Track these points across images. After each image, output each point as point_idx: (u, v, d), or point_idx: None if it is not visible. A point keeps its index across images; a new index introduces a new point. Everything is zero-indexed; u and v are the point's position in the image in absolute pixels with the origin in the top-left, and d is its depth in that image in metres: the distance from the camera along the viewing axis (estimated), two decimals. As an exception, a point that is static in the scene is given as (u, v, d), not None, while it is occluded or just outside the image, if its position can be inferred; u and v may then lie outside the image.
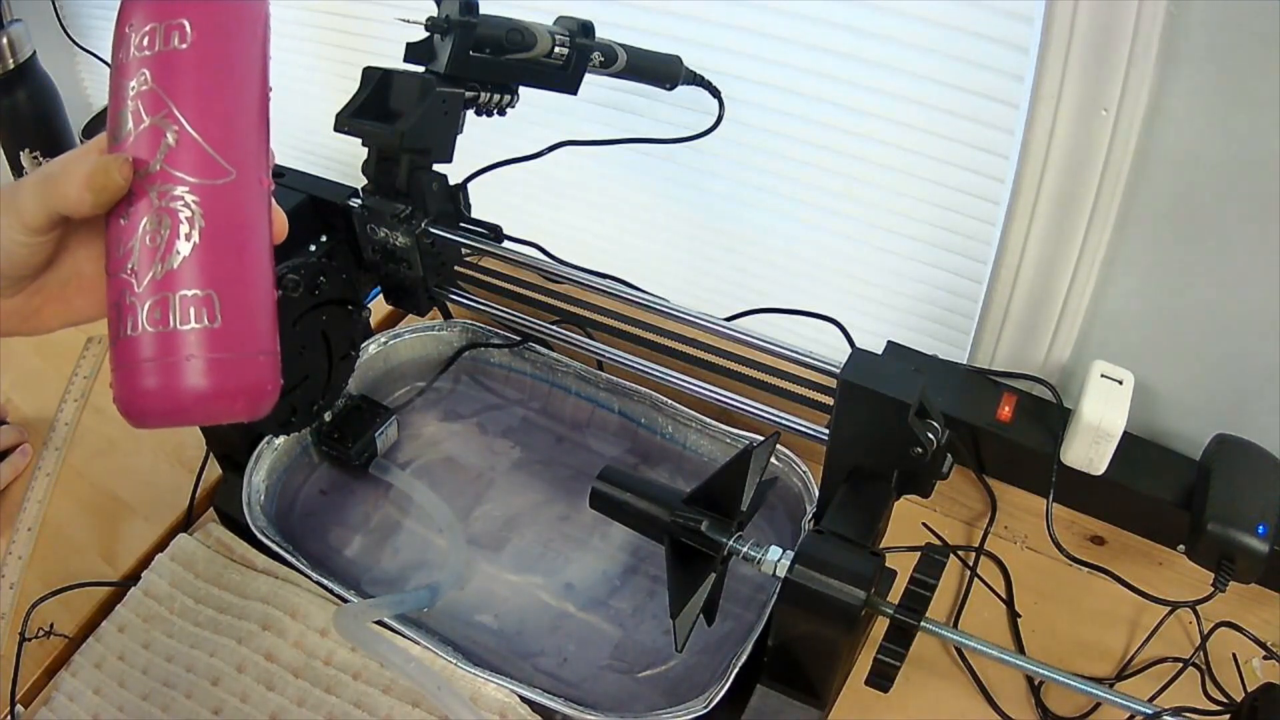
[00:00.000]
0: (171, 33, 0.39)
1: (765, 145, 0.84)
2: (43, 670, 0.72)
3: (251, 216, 0.41)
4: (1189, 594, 0.68)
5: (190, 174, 0.39)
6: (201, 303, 0.38)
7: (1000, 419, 0.75)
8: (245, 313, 0.40)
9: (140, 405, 0.39)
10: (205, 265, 0.39)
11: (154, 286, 0.38)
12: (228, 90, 0.41)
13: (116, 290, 0.39)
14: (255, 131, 0.42)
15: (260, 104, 0.42)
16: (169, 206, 0.39)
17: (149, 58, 0.39)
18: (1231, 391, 0.73)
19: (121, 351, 0.39)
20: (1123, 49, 0.60)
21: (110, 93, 0.41)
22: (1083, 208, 0.68)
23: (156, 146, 0.39)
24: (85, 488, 0.84)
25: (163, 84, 0.39)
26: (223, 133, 0.40)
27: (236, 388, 0.40)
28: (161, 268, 0.38)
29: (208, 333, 0.38)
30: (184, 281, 0.38)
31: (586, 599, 0.75)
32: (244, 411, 0.40)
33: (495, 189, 0.80)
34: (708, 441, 0.81)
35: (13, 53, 0.91)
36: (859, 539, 0.58)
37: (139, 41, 0.40)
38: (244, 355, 0.40)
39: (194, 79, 0.40)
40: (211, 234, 0.39)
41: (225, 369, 0.39)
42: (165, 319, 0.38)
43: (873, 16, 0.72)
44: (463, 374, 0.91)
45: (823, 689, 0.62)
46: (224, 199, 0.40)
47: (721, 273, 0.97)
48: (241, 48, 0.41)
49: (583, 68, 0.72)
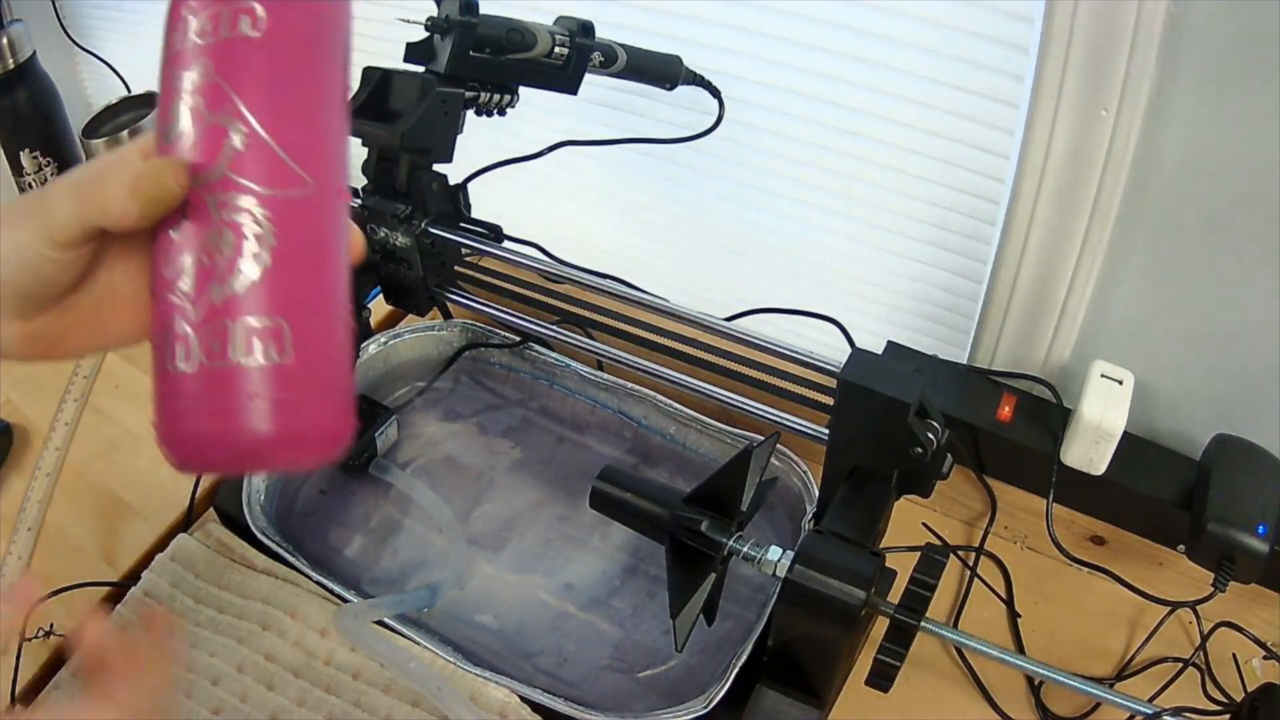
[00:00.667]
0: (240, 17, 0.34)
1: (765, 145, 0.84)
2: (43, 670, 0.72)
3: (329, 233, 0.35)
4: (1189, 594, 0.68)
5: (260, 183, 0.33)
6: (270, 334, 0.32)
7: (1000, 419, 0.76)
8: (320, 346, 0.34)
9: (191, 449, 0.33)
10: (275, 290, 0.33)
11: (212, 312, 0.32)
12: (305, 86, 0.35)
13: (165, 314, 0.33)
14: (335, 134, 0.36)
15: (341, 103, 0.37)
16: (232, 220, 0.33)
17: (211, 45, 0.34)
18: (1231, 391, 0.73)
19: (170, 386, 0.33)
20: (1123, 49, 0.60)
21: (161, 84, 0.35)
22: (1083, 208, 0.68)
23: (219, 149, 0.33)
24: (85, 488, 0.84)
25: (228, 76, 0.33)
26: (299, 135, 0.34)
27: (306, 433, 0.34)
28: (222, 291, 0.32)
29: (276, 369, 0.32)
30: (249, 308, 0.32)
31: (586, 599, 0.75)
32: (311, 459, 0.34)
33: (495, 189, 0.80)
34: (708, 441, 0.81)
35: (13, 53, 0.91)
36: (859, 539, 0.58)
37: (200, 26, 0.34)
38: (317, 396, 0.34)
39: (266, 72, 0.34)
40: (283, 253, 0.33)
41: (295, 411, 0.33)
42: (224, 351, 0.32)
43: (873, 16, 0.72)
44: (463, 374, 0.91)
45: (823, 689, 0.62)
46: (299, 213, 0.34)
47: (721, 273, 0.97)
48: (322, 37, 0.36)
49: (583, 68, 0.72)
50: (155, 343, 0.34)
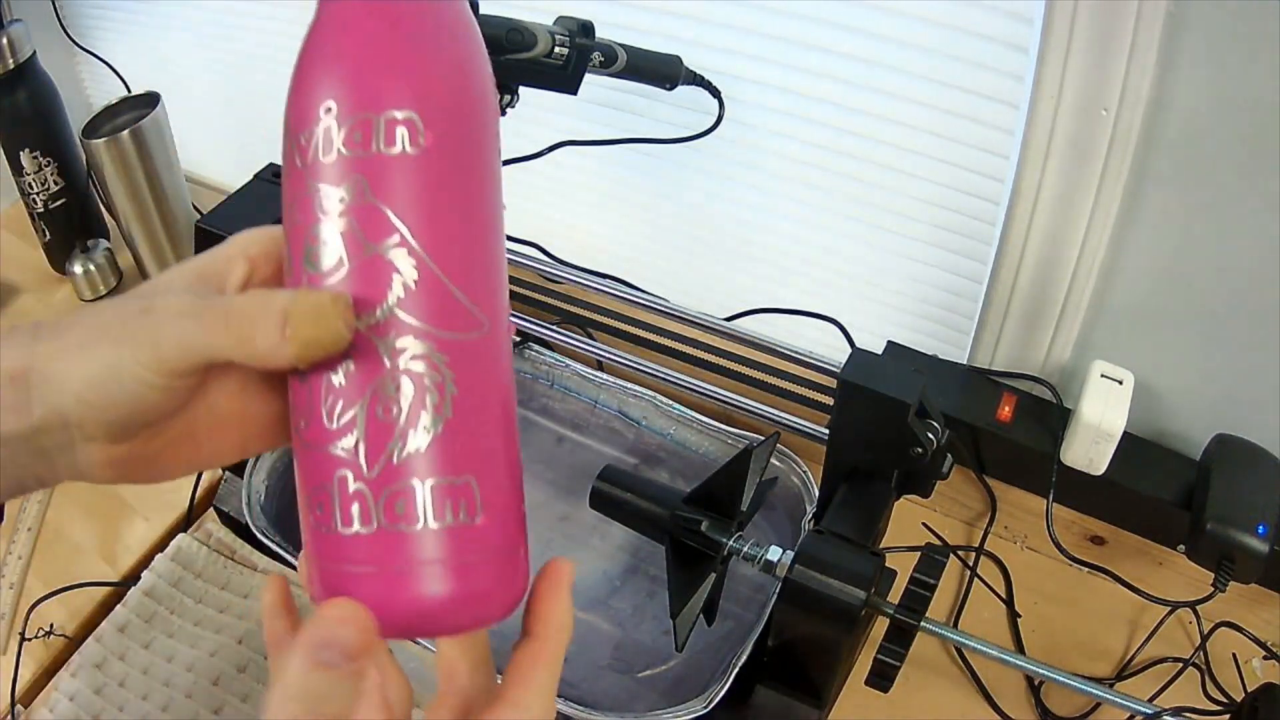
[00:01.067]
0: (395, 130, 0.29)
1: (765, 145, 0.84)
2: (43, 670, 0.72)
3: (505, 378, 0.32)
4: (1189, 594, 0.68)
5: (435, 325, 0.29)
6: (459, 493, 0.29)
7: (1000, 419, 0.75)
8: (505, 500, 0.31)
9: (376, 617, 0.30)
10: (462, 447, 0.29)
11: (391, 474, 0.29)
12: (474, 213, 0.31)
13: (325, 469, 0.29)
14: (501, 264, 0.32)
15: (501, 224, 0.33)
16: (409, 369, 0.29)
17: (362, 159, 0.29)
18: (1231, 391, 0.73)
19: (337, 549, 0.29)
20: (1123, 49, 0.60)
21: (293, 195, 0.30)
22: (1083, 207, 0.68)
23: (386, 286, 0.29)
24: (85, 488, 0.84)
25: (389, 199, 0.29)
26: (472, 270, 0.30)
27: (489, 594, 0.31)
28: (403, 449, 0.29)
29: (466, 531, 0.29)
30: (434, 467, 0.29)
31: (586, 599, 0.75)
32: (492, 618, 0.32)
33: (495, 189, 0.80)
34: (708, 441, 0.81)
35: (13, 53, 0.91)
36: (859, 539, 0.58)
37: (345, 135, 0.29)
38: (504, 553, 0.31)
39: (429, 195, 0.30)
40: (466, 404, 0.30)
41: (481, 575, 0.30)
42: (410, 514, 0.29)
43: (873, 16, 0.72)
44: (463, 374, 0.91)
45: (823, 689, 0.62)
46: (476, 357, 0.30)
47: (721, 273, 0.97)
48: (483, 153, 0.32)
49: (583, 68, 0.72)
50: (312, 497, 0.30)
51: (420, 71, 0.30)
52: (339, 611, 0.28)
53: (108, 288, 1.00)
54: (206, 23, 1.10)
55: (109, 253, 1.00)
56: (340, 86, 0.30)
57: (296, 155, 0.30)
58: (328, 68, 0.30)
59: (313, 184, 0.30)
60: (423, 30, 0.31)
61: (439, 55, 0.31)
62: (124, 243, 1.01)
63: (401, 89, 0.30)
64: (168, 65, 1.16)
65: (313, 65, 0.31)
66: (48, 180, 0.96)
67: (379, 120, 0.29)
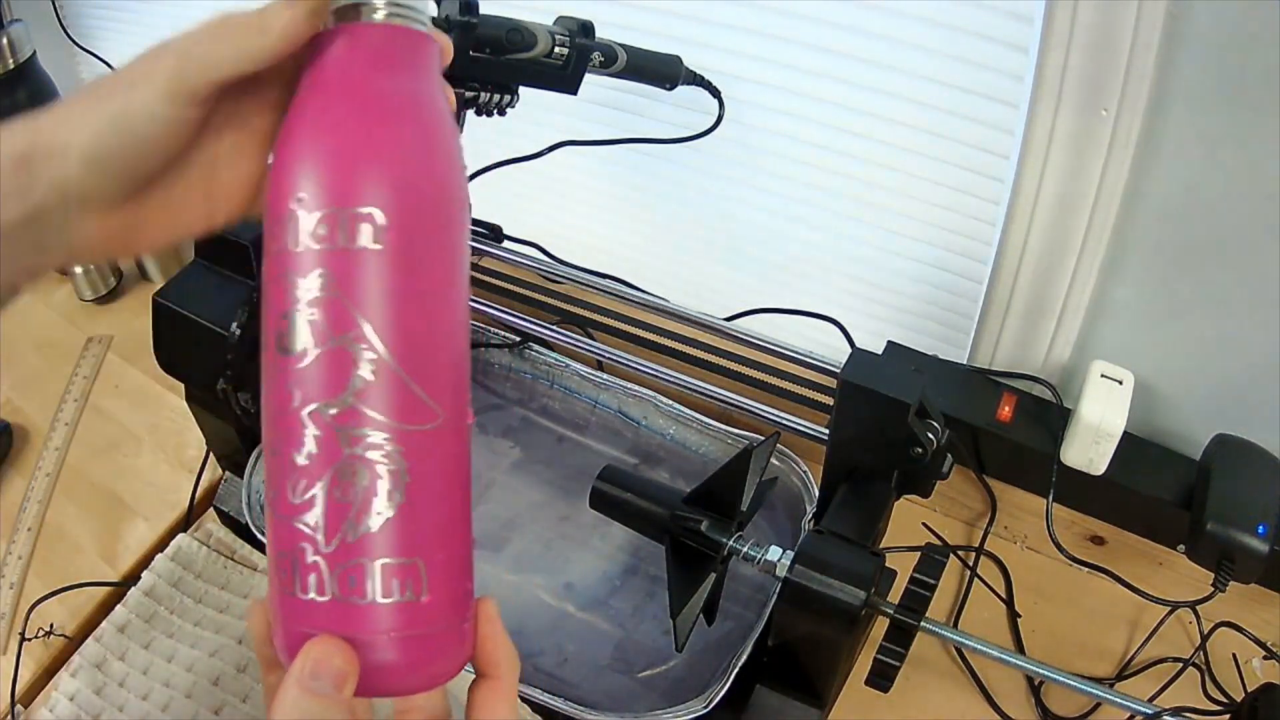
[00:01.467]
0: (359, 225, 0.31)
1: (765, 145, 0.84)
2: (43, 670, 0.72)
3: (459, 465, 0.33)
4: (1189, 594, 0.68)
5: (392, 417, 0.31)
6: (406, 573, 0.31)
7: (1000, 419, 0.75)
8: (452, 579, 0.33)
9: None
10: (412, 530, 0.31)
11: (346, 550, 0.31)
12: (434, 306, 0.32)
13: (289, 539, 0.31)
14: (462, 355, 0.33)
15: (465, 320, 0.34)
16: (364, 456, 0.31)
17: (327, 253, 0.31)
18: (1231, 391, 0.73)
19: (298, 611, 0.31)
20: (1123, 49, 0.60)
21: (268, 275, 0.32)
22: (1083, 208, 0.68)
23: (346, 376, 0.31)
24: (85, 488, 0.84)
25: (350, 294, 0.31)
26: (429, 363, 0.32)
27: (433, 663, 0.33)
28: (356, 530, 0.31)
29: (412, 608, 0.31)
30: (386, 548, 0.31)
31: (586, 599, 0.75)
32: (433, 684, 0.33)
33: (495, 189, 0.80)
34: (708, 441, 0.81)
35: (13, 53, 0.91)
36: (859, 539, 0.58)
37: (312, 227, 0.31)
38: (447, 628, 0.33)
39: (391, 291, 0.31)
40: (418, 491, 0.31)
41: (426, 646, 0.32)
42: (361, 589, 0.31)
43: (873, 16, 0.72)
44: (463, 374, 0.91)
45: (823, 689, 0.62)
46: (431, 447, 0.32)
47: (721, 273, 0.97)
48: (447, 249, 0.33)
49: (583, 68, 0.72)
50: (278, 563, 0.32)
51: (386, 169, 0.31)
52: (326, 646, 0.31)
53: (108, 288, 1.00)
54: (206, 23, 1.10)
55: (109, 253, 1.00)
56: (308, 180, 0.31)
57: (271, 239, 0.32)
58: (300, 158, 0.31)
59: (284, 270, 0.31)
60: (394, 128, 0.32)
61: (408, 154, 0.32)
62: (124, 243, 1.01)
63: (366, 186, 0.31)
64: (168, 65, 1.16)
65: (287, 153, 0.32)
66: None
67: (343, 215, 0.31)
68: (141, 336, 0.92)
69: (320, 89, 0.32)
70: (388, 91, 0.32)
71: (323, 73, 0.32)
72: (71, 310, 1.00)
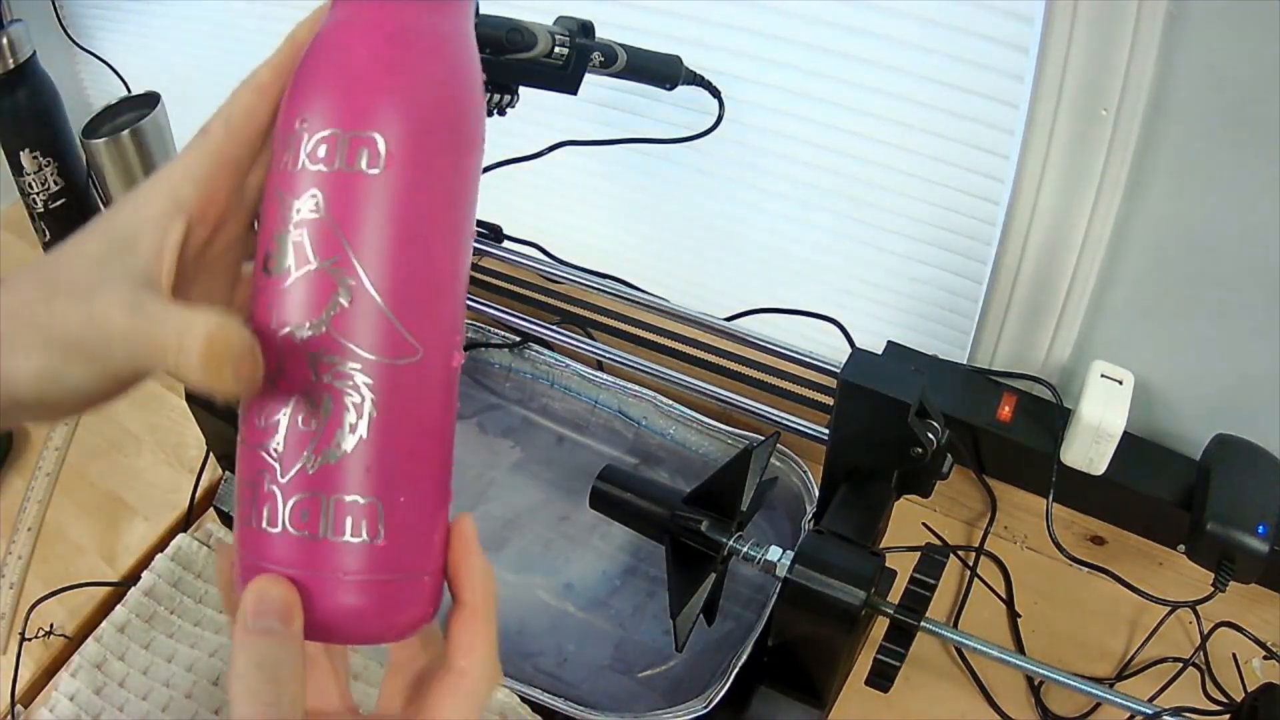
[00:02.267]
0: (359, 149, 0.30)
1: (765, 145, 0.84)
2: (43, 670, 0.72)
3: (434, 407, 0.32)
4: (1189, 594, 0.68)
5: (365, 347, 0.30)
6: (362, 512, 0.30)
7: (1000, 419, 0.75)
8: (413, 527, 0.32)
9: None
10: (372, 468, 0.30)
11: (303, 482, 0.30)
12: (426, 241, 0.31)
13: (252, 466, 0.31)
14: (452, 296, 0.32)
15: (464, 253, 0.33)
16: (332, 385, 0.30)
17: (325, 176, 0.30)
18: (1231, 391, 0.73)
19: (252, 542, 0.31)
20: (1123, 49, 0.60)
21: (266, 190, 0.32)
22: (1083, 208, 0.68)
23: (324, 301, 0.30)
24: (85, 488, 0.84)
25: (341, 220, 0.30)
26: (413, 297, 0.31)
27: (387, 613, 0.32)
28: (315, 460, 0.30)
29: (365, 549, 0.30)
30: (343, 483, 0.30)
31: (586, 599, 0.75)
32: (389, 636, 0.32)
33: (495, 189, 0.79)
34: (708, 441, 0.81)
35: (13, 53, 0.91)
36: (859, 539, 0.58)
37: (312, 147, 0.30)
38: (404, 577, 0.32)
39: (383, 220, 0.30)
40: (384, 428, 0.30)
41: (379, 592, 0.31)
42: (314, 524, 0.30)
43: (873, 16, 0.72)
44: (463, 374, 0.91)
45: (823, 689, 0.62)
46: (404, 383, 0.31)
47: (721, 273, 0.97)
48: (449, 182, 0.32)
49: (583, 68, 0.72)
50: (241, 492, 0.31)
51: (393, 96, 0.30)
52: (262, 580, 0.30)
53: (108, 288, 1.00)
54: (206, 22, 1.10)
55: (109, 253, 1.00)
56: (314, 101, 0.31)
57: (276, 158, 0.31)
58: (308, 81, 0.31)
59: (282, 191, 0.31)
60: (406, 55, 0.31)
61: (418, 83, 0.31)
62: (124, 243, 1.01)
63: (370, 110, 0.30)
64: (168, 65, 1.16)
65: (299, 77, 0.32)
66: (48, 180, 0.96)
67: (344, 137, 0.30)
68: (141, 336, 0.93)
69: (342, 14, 0.32)
70: (407, 20, 0.31)
71: (348, 2, 0.32)
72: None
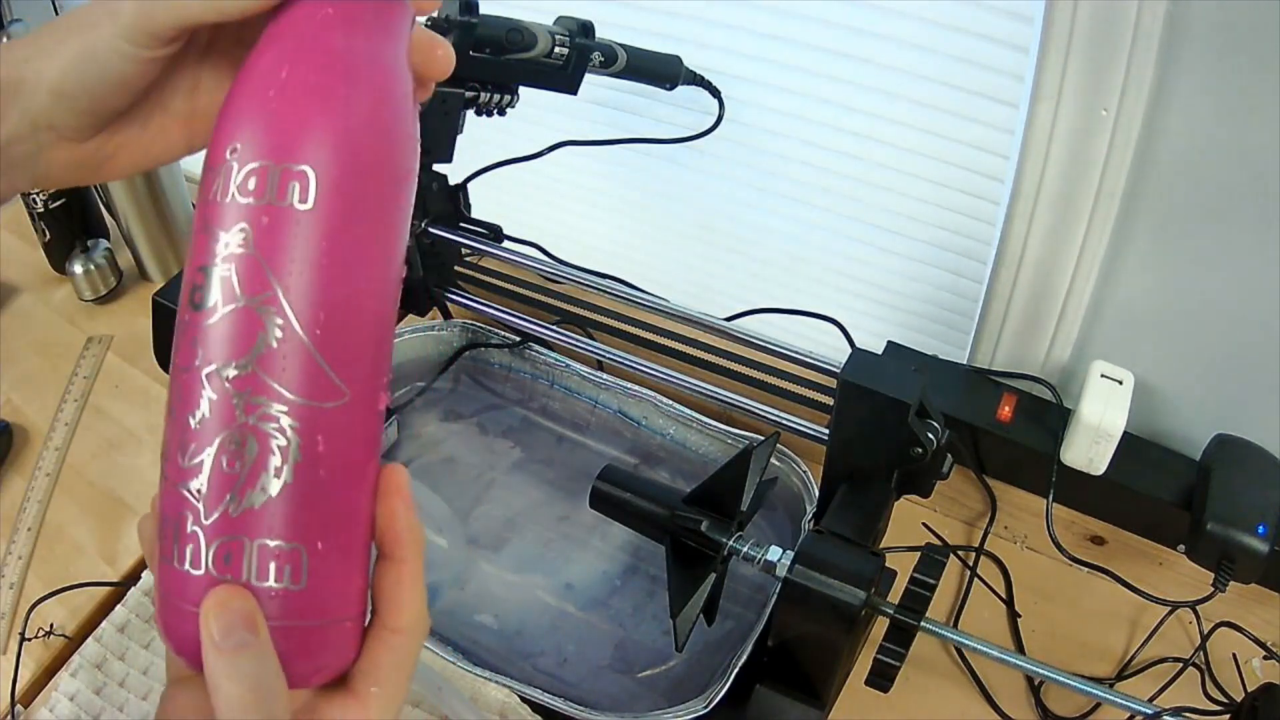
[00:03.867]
0: (289, 182, 0.29)
1: (765, 145, 0.84)
2: (43, 670, 0.72)
3: (359, 451, 0.31)
4: (1189, 594, 0.68)
5: (292, 390, 0.29)
6: (284, 558, 0.29)
7: (1000, 419, 0.75)
8: (336, 572, 0.31)
9: (189, 648, 0.30)
10: (295, 514, 0.30)
11: (224, 525, 0.29)
12: (356, 280, 0.30)
13: (175, 506, 0.30)
14: (380, 337, 0.31)
15: (392, 296, 0.32)
16: (257, 426, 0.29)
17: (253, 209, 0.29)
18: (1231, 391, 0.73)
19: (172, 581, 0.30)
20: (1123, 49, 0.60)
21: (195, 222, 0.30)
22: (1083, 208, 0.68)
23: (250, 341, 0.29)
24: (85, 488, 0.84)
25: (269, 256, 0.29)
26: (341, 339, 0.30)
27: (309, 659, 0.31)
28: (238, 505, 0.29)
29: (286, 595, 0.30)
30: (265, 528, 0.29)
31: (586, 599, 0.75)
32: (310, 681, 0.32)
33: (495, 189, 0.80)
34: (708, 441, 0.81)
35: (13, 53, 0.91)
36: (859, 539, 0.58)
37: (241, 178, 0.29)
38: (325, 623, 0.31)
39: (313, 257, 0.29)
40: (308, 473, 0.30)
41: (299, 638, 0.30)
42: (236, 567, 0.29)
43: (873, 16, 0.72)
44: (463, 374, 0.91)
45: (823, 689, 0.62)
46: (330, 427, 0.30)
47: (721, 273, 0.97)
48: (381, 220, 0.31)
49: (583, 68, 0.72)
50: (162, 529, 0.30)
51: (325, 127, 0.30)
52: (217, 596, 0.29)
53: (108, 288, 1.00)
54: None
55: (109, 253, 1.00)
56: (245, 129, 0.30)
57: (204, 189, 0.30)
58: (240, 107, 0.30)
59: (209, 222, 0.30)
60: (338, 86, 0.30)
61: (350, 115, 0.30)
62: (124, 243, 1.01)
63: (301, 142, 0.29)
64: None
65: (230, 102, 0.31)
66: (48, 180, 0.96)
67: (275, 170, 0.29)
68: (141, 336, 0.93)
69: (274, 40, 0.31)
70: (339, 49, 0.30)
71: (279, 25, 0.31)
72: (71, 310, 1.00)
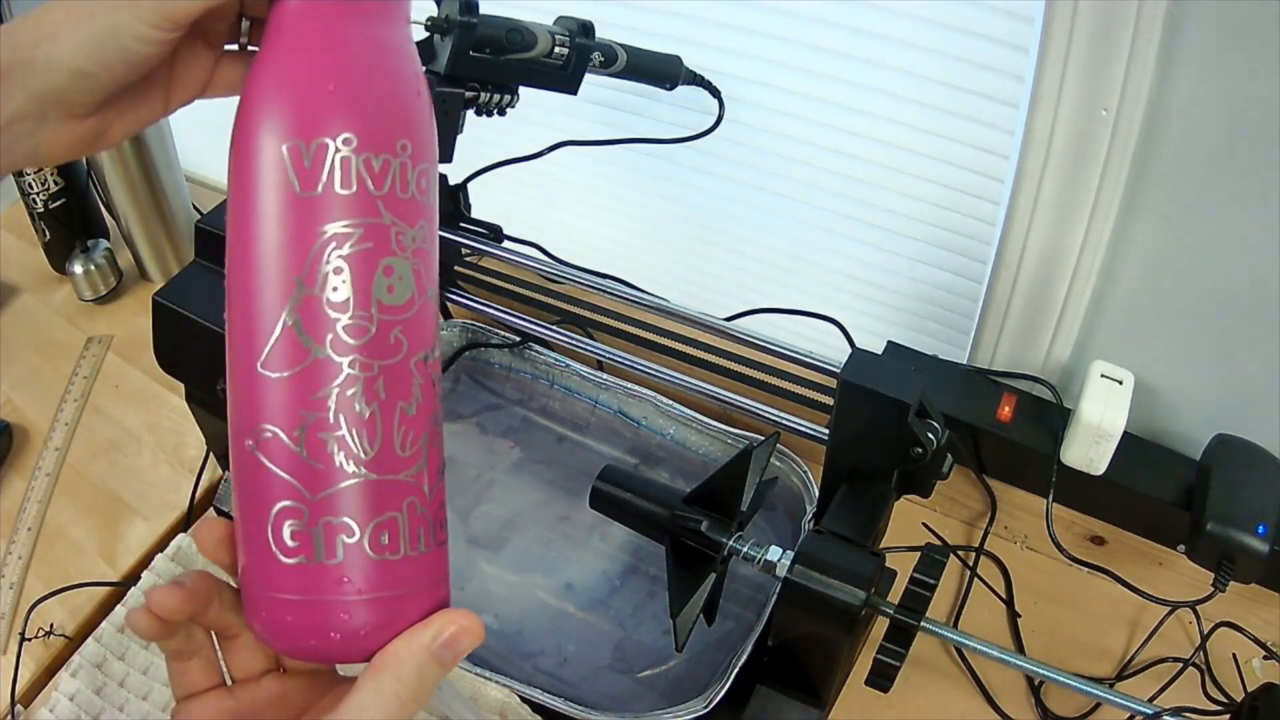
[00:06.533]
0: (421, 177, 0.33)
1: (765, 145, 0.84)
2: (43, 670, 0.72)
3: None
4: (1189, 594, 0.68)
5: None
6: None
7: (1000, 419, 0.75)
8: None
9: (327, 644, 0.34)
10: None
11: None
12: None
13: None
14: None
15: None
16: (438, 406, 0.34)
17: (408, 201, 0.32)
18: (1231, 391, 0.73)
19: (315, 579, 0.33)
20: (1123, 49, 0.60)
21: (331, 207, 0.32)
22: (1083, 208, 0.68)
23: (435, 327, 0.34)
24: (85, 488, 0.84)
25: (429, 243, 0.33)
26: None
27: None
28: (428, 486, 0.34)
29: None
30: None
31: (586, 599, 0.75)
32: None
33: (495, 189, 0.80)
34: (708, 441, 0.81)
35: (13, 53, 0.91)
36: (859, 539, 0.58)
37: (361, 165, 0.31)
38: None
39: (432, 238, 0.33)
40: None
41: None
42: (398, 544, 0.34)
43: (873, 16, 0.72)
44: (463, 374, 0.91)
45: (823, 689, 0.62)
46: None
47: (721, 273, 0.97)
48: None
49: (583, 68, 0.72)
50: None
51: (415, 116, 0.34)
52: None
53: (108, 288, 1.00)
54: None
55: (109, 253, 1.00)
56: (342, 117, 0.32)
57: (306, 181, 0.31)
58: (344, 94, 0.32)
59: (371, 217, 0.32)
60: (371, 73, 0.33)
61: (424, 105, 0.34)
62: (124, 243, 1.01)
63: (423, 145, 0.34)
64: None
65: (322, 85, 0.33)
66: (48, 180, 0.96)
67: (395, 163, 0.32)
68: (141, 336, 0.93)
69: (298, 35, 0.33)
70: (350, 40, 0.33)
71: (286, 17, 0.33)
72: (71, 310, 1.00)
